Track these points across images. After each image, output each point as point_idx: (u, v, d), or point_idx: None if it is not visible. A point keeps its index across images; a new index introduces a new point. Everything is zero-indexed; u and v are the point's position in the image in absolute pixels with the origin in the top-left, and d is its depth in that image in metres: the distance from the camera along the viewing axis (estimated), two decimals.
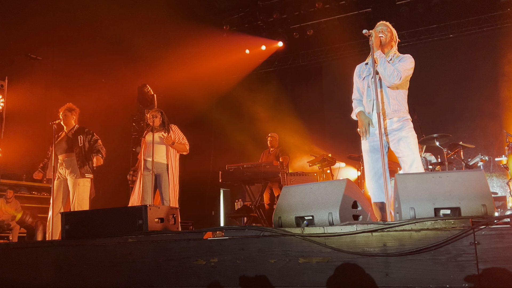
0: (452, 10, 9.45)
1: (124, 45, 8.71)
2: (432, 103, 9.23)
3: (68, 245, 3.49)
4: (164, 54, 9.52)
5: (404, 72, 3.89)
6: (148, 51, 9.05)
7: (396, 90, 4.00)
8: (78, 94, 7.90)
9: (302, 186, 3.19)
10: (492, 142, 8.94)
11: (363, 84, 4.19)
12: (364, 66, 4.25)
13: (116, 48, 8.72)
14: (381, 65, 3.87)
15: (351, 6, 9.91)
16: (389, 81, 3.89)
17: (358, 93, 4.28)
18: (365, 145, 4.10)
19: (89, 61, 8.76)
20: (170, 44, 9.65)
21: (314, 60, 11.15)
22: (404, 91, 4.08)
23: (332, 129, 10.51)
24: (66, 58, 8.59)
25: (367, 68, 4.18)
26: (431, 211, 2.58)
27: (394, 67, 3.90)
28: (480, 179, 2.63)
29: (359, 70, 4.30)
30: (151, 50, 9.12)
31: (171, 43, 9.65)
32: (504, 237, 2.29)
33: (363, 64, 4.29)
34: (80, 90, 8.28)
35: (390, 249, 2.47)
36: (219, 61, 10.94)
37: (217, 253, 2.93)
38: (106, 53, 8.83)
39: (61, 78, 8.81)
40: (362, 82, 4.21)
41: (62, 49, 8.72)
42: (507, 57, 8.60)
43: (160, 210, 3.51)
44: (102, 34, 8.52)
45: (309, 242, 2.67)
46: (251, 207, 7.71)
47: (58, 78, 8.88)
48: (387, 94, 3.99)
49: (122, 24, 8.34)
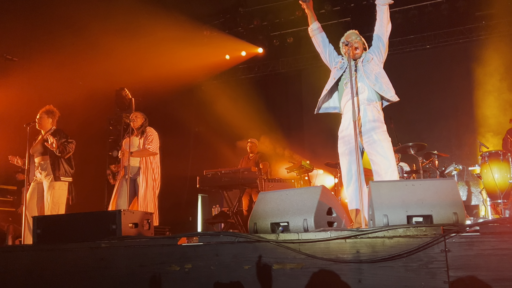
0: (429, 21, 9.62)
1: (102, 47, 8.62)
2: (408, 112, 9.37)
3: (40, 250, 3.42)
4: (143, 58, 9.46)
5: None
6: (126, 54, 8.97)
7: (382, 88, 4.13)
8: (55, 96, 7.77)
9: (278, 192, 3.20)
10: (466, 151, 9.12)
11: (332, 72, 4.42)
12: (341, 60, 4.41)
13: (94, 50, 8.63)
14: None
15: (331, 15, 10.00)
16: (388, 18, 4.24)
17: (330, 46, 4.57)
18: (341, 148, 4.20)
19: (66, 63, 8.64)
20: (149, 48, 9.59)
21: (293, 67, 11.22)
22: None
23: (310, 136, 10.56)
24: (42, 59, 8.45)
25: (341, 64, 4.35)
26: (404, 219, 2.62)
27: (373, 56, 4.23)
28: (452, 188, 2.68)
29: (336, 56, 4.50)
30: (130, 54, 9.05)
31: (151, 47, 9.60)
32: (474, 244, 2.34)
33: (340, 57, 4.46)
34: (57, 92, 8.15)
35: (363, 256, 2.49)
36: (199, 66, 10.91)
37: (191, 259, 2.91)
38: (83, 55, 8.73)
39: (37, 80, 8.66)
40: (332, 69, 4.44)
41: (38, 51, 8.58)
42: (482, 69, 8.79)
43: (134, 215, 3.48)
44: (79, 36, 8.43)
45: (284, 248, 2.67)
46: (228, 213, 7.69)
47: (34, 79, 8.73)
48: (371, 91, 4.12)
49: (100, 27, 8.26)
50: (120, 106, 8.66)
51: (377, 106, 4.15)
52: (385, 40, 4.26)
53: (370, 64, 4.20)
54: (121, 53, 8.84)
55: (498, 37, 9.17)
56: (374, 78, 4.12)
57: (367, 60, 4.24)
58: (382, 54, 4.27)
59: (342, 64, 4.34)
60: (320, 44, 4.54)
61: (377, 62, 4.22)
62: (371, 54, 4.27)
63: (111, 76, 8.79)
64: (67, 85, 8.63)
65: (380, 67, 4.23)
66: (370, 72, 4.16)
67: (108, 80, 8.80)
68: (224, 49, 10.88)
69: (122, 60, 8.87)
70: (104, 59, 8.75)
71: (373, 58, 4.23)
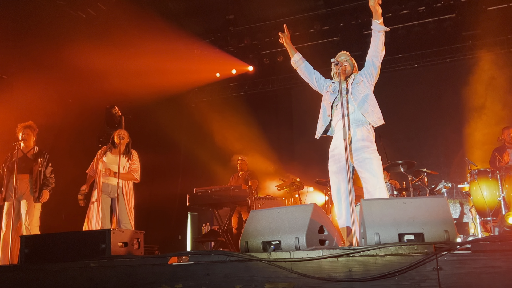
0: (417, 41, 9.77)
1: (92, 65, 8.61)
2: (398, 130, 9.45)
3: (27, 270, 3.36)
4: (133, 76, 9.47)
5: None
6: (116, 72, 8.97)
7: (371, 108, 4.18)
8: (44, 114, 7.72)
9: (270, 211, 3.19)
10: (455, 169, 9.19)
11: (324, 95, 4.50)
12: (331, 84, 4.47)
13: (84, 67, 8.61)
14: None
15: (320, 35, 10.13)
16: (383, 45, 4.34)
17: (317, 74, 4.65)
18: (332, 166, 4.24)
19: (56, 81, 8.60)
20: (139, 66, 9.60)
21: (283, 85, 11.30)
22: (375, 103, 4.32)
23: (300, 154, 10.58)
24: (32, 77, 8.41)
25: (333, 88, 4.42)
26: (395, 237, 2.62)
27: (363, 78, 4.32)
28: (443, 205, 2.69)
29: (326, 81, 4.58)
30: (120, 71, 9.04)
31: (141, 65, 9.61)
32: (465, 262, 2.34)
33: (330, 81, 4.54)
34: (46, 110, 8.09)
35: (355, 274, 2.48)
36: (189, 84, 10.95)
37: (182, 279, 2.87)
38: (73, 73, 8.70)
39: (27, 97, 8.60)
40: (324, 92, 4.52)
41: (27, 68, 8.54)
42: (469, 88, 8.91)
43: (124, 234, 3.44)
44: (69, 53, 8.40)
45: (276, 267, 2.65)
46: (218, 232, 7.63)
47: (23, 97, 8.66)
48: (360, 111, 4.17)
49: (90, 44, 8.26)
50: (109, 123, 8.59)
51: (367, 126, 4.20)
52: (378, 65, 4.36)
53: (359, 86, 4.29)
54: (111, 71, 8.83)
55: (484, 56, 9.33)
56: (360, 100, 4.20)
57: (356, 82, 4.32)
58: (374, 77, 4.36)
59: (334, 87, 4.40)
60: (305, 73, 4.62)
61: (366, 85, 4.31)
62: (361, 77, 4.35)
63: (101, 94, 8.76)
64: (57, 103, 8.57)
65: (370, 89, 4.31)
66: (358, 94, 4.25)
67: (98, 98, 8.77)
68: (215, 67, 10.94)
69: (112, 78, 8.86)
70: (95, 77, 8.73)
71: (363, 81, 4.31)
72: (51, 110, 8.20)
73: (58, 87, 8.64)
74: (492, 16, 8.89)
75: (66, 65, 8.52)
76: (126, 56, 9.09)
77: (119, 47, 8.97)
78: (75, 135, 8.54)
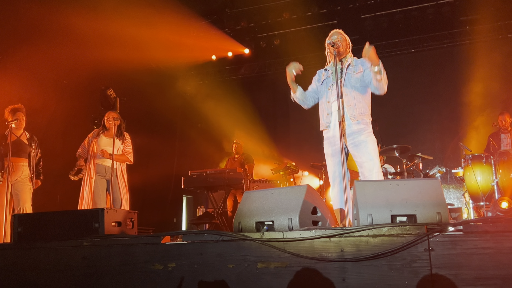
0: (414, 25, 9.73)
1: (87, 46, 8.53)
2: (393, 115, 9.45)
3: (20, 248, 3.36)
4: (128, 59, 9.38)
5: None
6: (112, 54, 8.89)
7: (364, 95, 4.11)
8: (38, 96, 7.67)
9: (263, 192, 3.19)
10: (449, 154, 9.23)
11: (321, 88, 4.36)
12: (324, 72, 4.38)
13: (79, 49, 8.52)
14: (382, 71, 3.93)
15: (317, 18, 10.07)
16: (384, 89, 4.01)
17: (312, 90, 4.45)
18: (327, 149, 4.22)
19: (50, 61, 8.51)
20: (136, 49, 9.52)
21: (280, 69, 11.22)
22: (369, 95, 4.23)
23: (296, 138, 10.60)
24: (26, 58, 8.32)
25: (327, 74, 4.34)
26: (388, 218, 2.63)
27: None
28: (436, 188, 2.70)
29: (319, 75, 4.47)
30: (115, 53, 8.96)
31: (137, 47, 9.52)
32: (457, 243, 2.36)
33: (323, 70, 4.45)
34: (41, 91, 8.03)
35: (347, 255, 2.49)
36: (185, 66, 10.88)
37: (175, 258, 2.88)
38: (69, 54, 8.61)
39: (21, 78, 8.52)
40: (321, 86, 4.38)
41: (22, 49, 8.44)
42: (465, 73, 8.90)
43: (117, 213, 3.44)
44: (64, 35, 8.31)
45: (268, 247, 2.67)
46: (213, 214, 7.65)
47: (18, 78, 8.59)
48: (353, 97, 4.08)
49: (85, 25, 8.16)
50: (104, 105, 8.56)
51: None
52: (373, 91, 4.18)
53: (353, 78, 4.14)
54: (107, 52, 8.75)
55: (482, 42, 9.31)
56: (349, 90, 4.10)
57: (353, 71, 4.17)
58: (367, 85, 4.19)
59: (328, 72, 4.33)
60: (304, 100, 4.42)
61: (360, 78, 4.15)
62: (362, 66, 4.17)
63: (96, 75, 8.70)
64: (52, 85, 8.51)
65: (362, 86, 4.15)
66: (348, 84, 4.12)
67: (93, 79, 8.71)
68: (211, 49, 10.87)
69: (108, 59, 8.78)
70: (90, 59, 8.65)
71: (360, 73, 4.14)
72: (46, 91, 8.15)
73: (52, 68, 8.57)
74: (490, 2, 8.86)
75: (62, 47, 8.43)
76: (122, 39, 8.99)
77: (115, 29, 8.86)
78: (70, 116, 8.50)
